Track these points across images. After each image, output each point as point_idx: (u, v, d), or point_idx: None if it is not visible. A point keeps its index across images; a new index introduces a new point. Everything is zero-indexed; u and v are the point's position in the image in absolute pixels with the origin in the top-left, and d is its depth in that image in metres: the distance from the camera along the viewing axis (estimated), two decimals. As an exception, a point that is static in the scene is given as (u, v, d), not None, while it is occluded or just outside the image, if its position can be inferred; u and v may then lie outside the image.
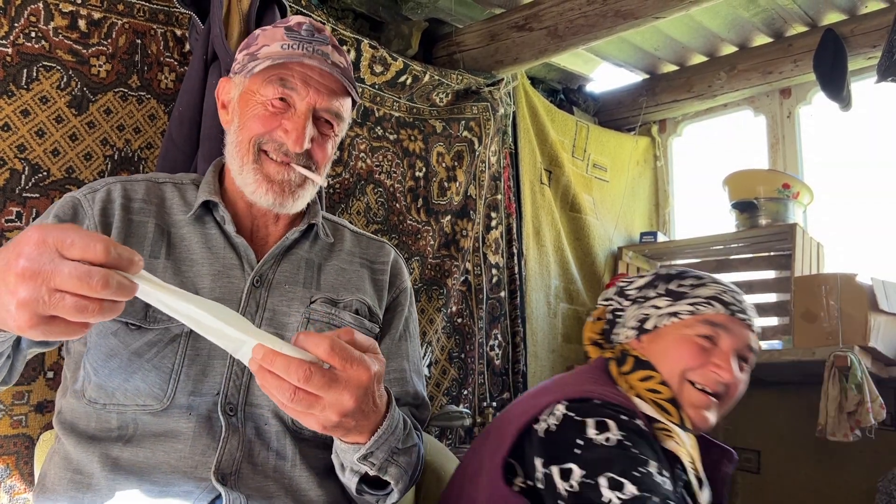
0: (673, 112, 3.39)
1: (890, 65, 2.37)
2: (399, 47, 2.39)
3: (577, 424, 1.16)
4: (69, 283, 0.74)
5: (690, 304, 1.33)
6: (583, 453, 1.12)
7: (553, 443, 1.18)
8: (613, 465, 1.09)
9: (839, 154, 3.09)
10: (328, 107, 1.22)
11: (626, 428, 1.15)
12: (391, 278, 1.36)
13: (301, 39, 1.23)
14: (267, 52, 1.21)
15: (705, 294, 1.34)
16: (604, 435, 1.13)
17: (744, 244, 2.99)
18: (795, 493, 2.81)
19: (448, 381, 2.42)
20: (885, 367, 2.44)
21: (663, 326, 1.33)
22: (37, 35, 1.59)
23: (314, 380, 0.83)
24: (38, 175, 1.58)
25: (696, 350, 1.29)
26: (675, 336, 1.31)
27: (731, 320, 1.31)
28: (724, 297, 1.33)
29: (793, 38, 2.94)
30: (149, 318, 1.12)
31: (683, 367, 1.28)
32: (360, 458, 1.01)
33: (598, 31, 2.35)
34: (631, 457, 1.10)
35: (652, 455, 1.12)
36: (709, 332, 1.29)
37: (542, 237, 2.85)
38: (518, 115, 2.80)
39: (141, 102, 1.75)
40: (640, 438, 1.15)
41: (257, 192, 1.20)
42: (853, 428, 2.20)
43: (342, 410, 0.87)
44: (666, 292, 1.37)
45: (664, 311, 1.35)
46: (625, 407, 1.20)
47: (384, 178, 2.30)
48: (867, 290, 2.35)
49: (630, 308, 1.41)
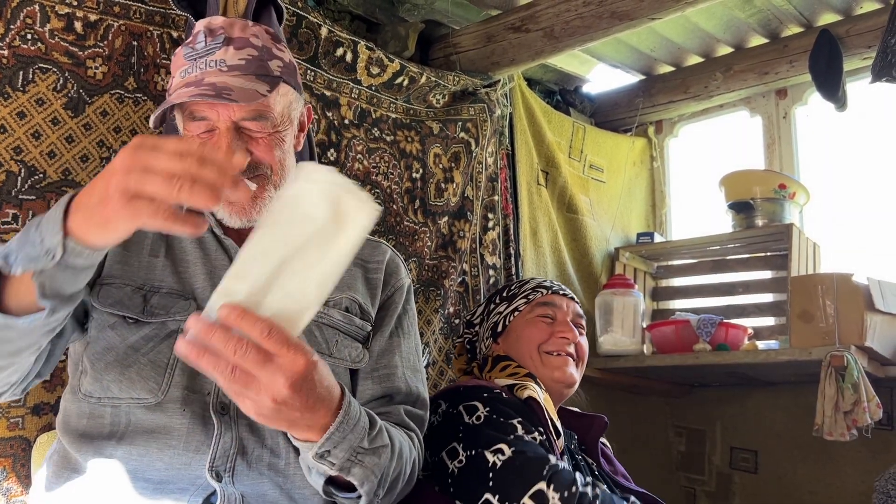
0: (669, 113, 3.39)
1: (884, 65, 2.38)
2: (396, 49, 2.39)
3: (453, 415, 1.41)
4: (161, 160, 0.76)
5: (523, 298, 1.67)
6: (462, 435, 1.37)
7: (438, 435, 1.40)
8: (489, 436, 1.33)
9: (835, 154, 3.10)
10: (243, 115, 1.18)
11: (490, 401, 1.41)
12: (386, 277, 1.36)
13: (196, 56, 1.20)
14: (173, 86, 1.21)
15: (531, 286, 1.69)
16: (475, 415, 1.39)
17: (740, 244, 2.99)
18: (793, 492, 2.81)
19: (446, 382, 2.42)
20: (882, 366, 2.45)
21: (510, 323, 1.66)
22: (33, 37, 1.59)
23: (249, 356, 0.81)
24: (35, 177, 1.58)
25: (541, 327, 1.62)
26: (521, 325, 1.65)
27: (557, 297, 1.67)
28: (546, 283, 1.69)
29: (788, 38, 2.95)
30: (146, 313, 1.14)
31: (537, 343, 1.61)
32: (318, 458, 0.98)
33: (594, 33, 2.35)
34: (500, 425, 1.36)
35: (516, 417, 1.38)
36: (545, 311, 1.64)
37: (539, 238, 2.85)
38: (515, 116, 2.80)
39: (137, 104, 1.75)
40: (503, 406, 1.40)
41: (226, 217, 1.22)
42: (850, 427, 2.21)
43: (277, 395, 0.85)
44: (500, 300, 1.71)
45: (506, 312, 1.68)
46: (486, 387, 1.47)
47: (381, 180, 2.30)
48: (863, 290, 2.35)
49: (480, 328, 1.73)
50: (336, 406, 0.97)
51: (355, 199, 0.83)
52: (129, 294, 1.15)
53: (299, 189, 0.83)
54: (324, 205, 0.82)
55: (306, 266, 0.83)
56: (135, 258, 1.19)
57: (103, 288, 1.15)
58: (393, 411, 1.25)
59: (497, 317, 1.69)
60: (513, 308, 1.67)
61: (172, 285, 1.18)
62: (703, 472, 3.06)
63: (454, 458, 1.35)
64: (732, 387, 3.00)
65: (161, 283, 1.18)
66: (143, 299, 1.15)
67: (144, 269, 1.19)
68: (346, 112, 2.22)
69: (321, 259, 0.83)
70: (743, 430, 2.98)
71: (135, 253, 1.19)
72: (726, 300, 3.05)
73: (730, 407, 3.02)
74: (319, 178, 0.83)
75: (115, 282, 1.16)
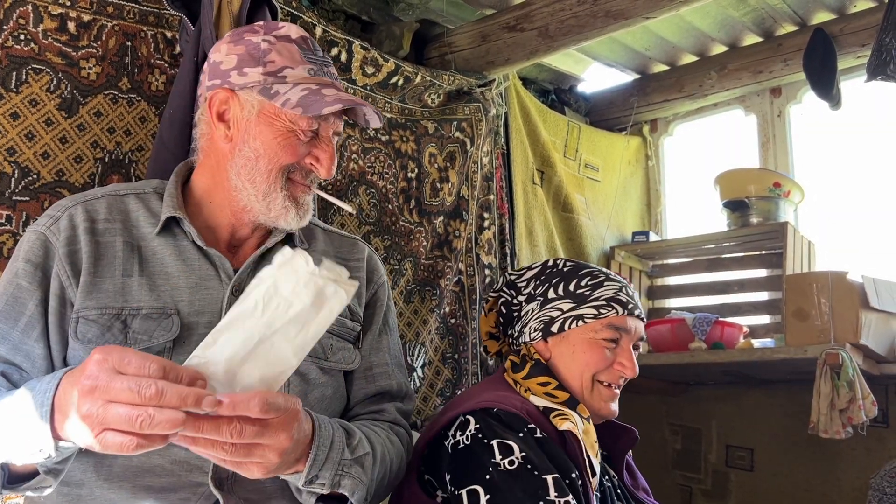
0: (664, 112, 3.40)
1: (879, 63, 2.38)
2: (390, 48, 2.39)
3: (483, 447, 1.26)
4: (122, 394, 0.81)
5: (593, 308, 1.44)
6: (490, 478, 1.22)
7: (462, 463, 1.27)
8: (517, 498, 1.19)
9: (829, 152, 3.11)
10: (340, 131, 1.24)
11: (527, 444, 1.26)
12: (368, 275, 1.36)
13: (318, 62, 1.23)
14: (294, 76, 1.19)
15: (605, 296, 1.46)
16: (507, 458, 1.23)
17: (735, 243, 3.00)
18: (789, 490, 2.82)
19: (442, 382, 2.42)
20: (877, 364, 2.46)
21: (569, 329, 1.45)
22: (26, 37, 1.59)
23: (246, 432, 0.86)
24: (29, 178, 1.57)
25: (603, 354, 1.43)
26: (581, 340, 1.44)
27: (629, 319, 1.46)
28: (621, 297, 1.46)
29: (782, 37, 2.96)
30: (129, 341, 1.11)
31: (594, 370, 1.43)
32: (308, 484, 1.02)
33: (589, 32, 2.35)
34: (533, 481, 1.21)
35: (552, 473, 1.23)
36: (613, 336, 1.44)
37: (535, 237, 2.85)
38: (510, 115, 2.80)
39: (131, 105, 1.74)
40: (540, 452, 1.26)
41: (284, 217, 1.20)
42: (845, 425, 2.21)
43: (281, 449, 0.91)
44: (566, 294, 1.47)
45: (569, 315, 1.45)
46: (521, 418, 1.31)
47: (376, 180, 2.30)
48: (858, 288, 2.36)
49: (526, 304, 1.51)
50: (311, 431, 1.01)
51: (334, 285, 0.91)
52: (108, 322, 1.11)
53: (281, 277, 0.90)
54: (305, 293, 0.90)
55: (286, 339, 0.90)
56: (108, 282, 1.14)
57: (80, 323, 1.11)
58: (385, 409, 1.30)
59: (556, 313, 1.46)
60: (579, 315, 1.44)
61: (152, 304, 1.13)
62: (699, 470, 3.07)
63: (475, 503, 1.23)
64: (728, 385, 3.01)
65: (139, 304, 1.13)
66: (122, 325, 1.11)
67: (119, 292, 1.13)
68: (341, 112, 2.22)
69: (300, 332, 0.90)
70: (739, 428, 2.99)
71: (108, 276, 1.14)
72: (721, 299, 3.06)
73: (725, 405, 3.03)
74: (301, 269, 0.90)
75: (91, 313, 1.11)
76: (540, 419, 1.35)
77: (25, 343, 1.10)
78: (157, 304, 1.14)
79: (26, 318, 1.11)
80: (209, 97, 1.22)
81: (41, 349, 1.11)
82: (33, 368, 1.10)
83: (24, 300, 1.11)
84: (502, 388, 1.45)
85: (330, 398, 1.23)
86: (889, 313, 2.44)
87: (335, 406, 1.25)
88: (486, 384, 1.52)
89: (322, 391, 1.21)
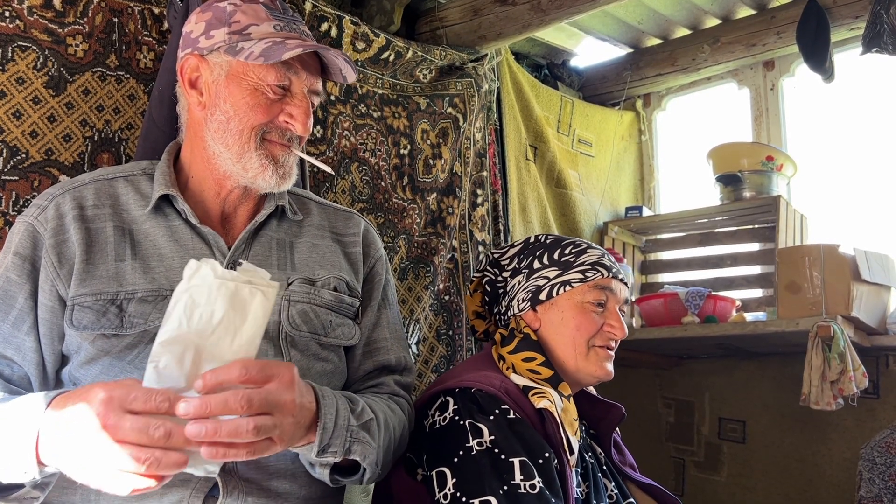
0: (657, 86, 3.38)
1: (874, 35, 2.37)
2: (381, 23, 2.36)
3: (458, 429, 1.28)
4: (130, 434, 0.82)
5: (579, 272, 1.47)
6: (457, 461, 1.25)
7: (437, 443, 1.30)
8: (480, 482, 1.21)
9: (822, 126, 3.10)
10: (317, 88, 1.22)
11: (498, 427, 1.27)
12: (364, 249, 1.36)
13: (286, 19, 1.21)
14: (259, 32, 1.17)
15: (590, 261, 1.48)
16: (476, 440, 1.26)
17: (728, 217, 3.01)
18: (781, 461, 2.85)
19: (436, 359, 2.43)
20: (868, 336, 2.48)
21: (557, 295, 1.46)
22: (11, 14, 1.56)
23: (254, 399, 0.87)
24: (17, 157, 1.56)
25: (591, 318, 1.45)
26: (570, 305, 1.46)
27: (614, 282, 1.49)
28: (605, 262, 1.49)
29: (776, 9, 2.94)
30: (125, 325, 1.11)
31: (587, 335, 1.45)
32: (320, 454, 1.02)
33: (582, 5, 2.33)
34: (499, 465, 1.23)
35: (520, 455, 1.24)
36: (600, 298, 1.46)
37: (529, 213, 2.85)
38: (502, 90, 2.79)
39: (120, 82, 1.72)
40: (510, 432, 1.28)
41: (261, 175, 1.19)
42: (836, 397, 2.24)
43: (291, 410, 0.92)
44: (551, 262, 1.50)
45: (556, 281, 1.47)
46: (499, 398, 1.33)
47: (369, 157, 2.29)
48: (850, 261, 2.37)
49: (512, 279, 1.53)
50: (314, 399, 1.01)
51: (249, 286, 0.91)
52: (103, 308, 1.11)
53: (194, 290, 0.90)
54: (219, 298, 0.89)
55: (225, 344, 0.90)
56: (101, 268, 1.14)
57: (75, 310, 1.11)
58: (385, 382, 1.31)
59: (543, 281, 1.47)
60: (565, 280, 1.46)
61: (147, 286, 1.14)
62: (691, 442, 3.10)
63: (442, 488, 1.25)
64: (720, 358, 3.03)
65: (134, 288, 1.13)
66: (118, 309, 1.11)
67: (113, 277, 1.13)
68: (331, 88, 2.20)
69: (237, 336, 0.91)
70: (731, 400, 3.01)
71: (100, 262, 1.14)
72: (714, 273, 3.07)
73: (718, 378, 3.05)
74: (208, 277, 0.90)
75: (86, 300, 1.11)
76: (519, 398, 1.36)
77: (16, 336, 1.11)
78: (152, 286, 1.14)
79: (16, 311, 1.12)
80: (180, 66, 1.23)
81: (32, 342, 1.12)
82: (24, 361, 1.12)
83: (14, 293, 1.12)
84: (486, 365, 1.46)
85: (331, 374, 1.24)
86: (880, 286, 2.46)
87: (335, 381, 1.26)
88: (472, 361, 1.54)
89: (322, 366, 1.22)
